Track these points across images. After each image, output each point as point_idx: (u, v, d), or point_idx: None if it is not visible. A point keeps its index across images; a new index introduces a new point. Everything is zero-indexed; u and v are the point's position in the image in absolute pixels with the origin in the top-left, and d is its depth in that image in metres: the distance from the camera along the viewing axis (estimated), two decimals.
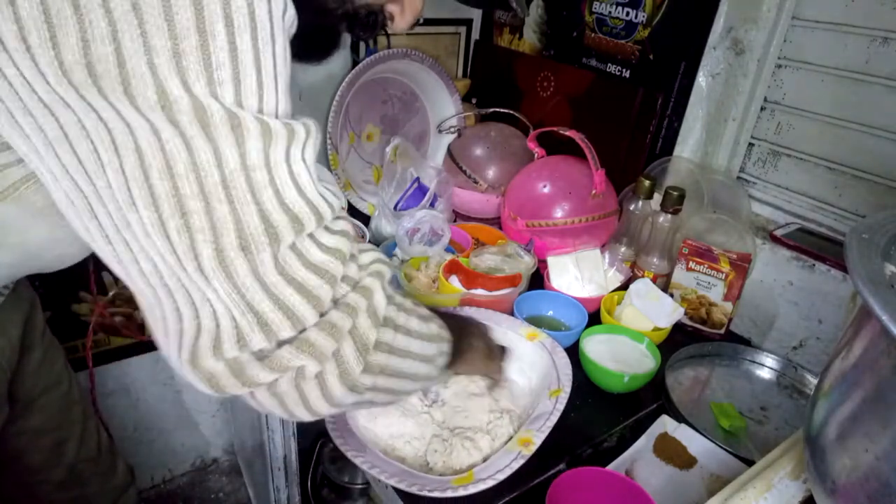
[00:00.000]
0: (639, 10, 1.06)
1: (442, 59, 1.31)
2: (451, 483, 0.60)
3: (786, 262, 0.92)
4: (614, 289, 0.97)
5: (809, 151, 0.94)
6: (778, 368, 0.89)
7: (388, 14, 0.59)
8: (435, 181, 1.10)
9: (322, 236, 0.44)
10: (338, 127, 1.17)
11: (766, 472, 0.55)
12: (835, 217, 0.93)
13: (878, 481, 0.38)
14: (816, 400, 0.47)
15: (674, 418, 0.76)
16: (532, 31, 1.28)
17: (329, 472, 1.30)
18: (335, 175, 1.17)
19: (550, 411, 0.68)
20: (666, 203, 0.94)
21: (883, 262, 0.41)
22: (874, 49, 0.83)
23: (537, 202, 1.07)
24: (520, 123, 1.25)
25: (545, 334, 0.81)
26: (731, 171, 1.03)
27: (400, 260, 0.98)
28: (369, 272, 0.49)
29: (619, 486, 0.61)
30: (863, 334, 0.42)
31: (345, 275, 0.47)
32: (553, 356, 0.77)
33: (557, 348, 0.79)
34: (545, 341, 0.80)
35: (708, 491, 0.67)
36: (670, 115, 1.05)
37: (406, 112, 1.30)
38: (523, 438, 0.64)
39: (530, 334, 0.81)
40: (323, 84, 1.17)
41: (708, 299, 0.93)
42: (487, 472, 0.61)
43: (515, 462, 0.61)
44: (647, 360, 0.83)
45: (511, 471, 0.61)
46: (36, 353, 0.79)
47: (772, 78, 0.96)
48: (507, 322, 0.83)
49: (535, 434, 0.64)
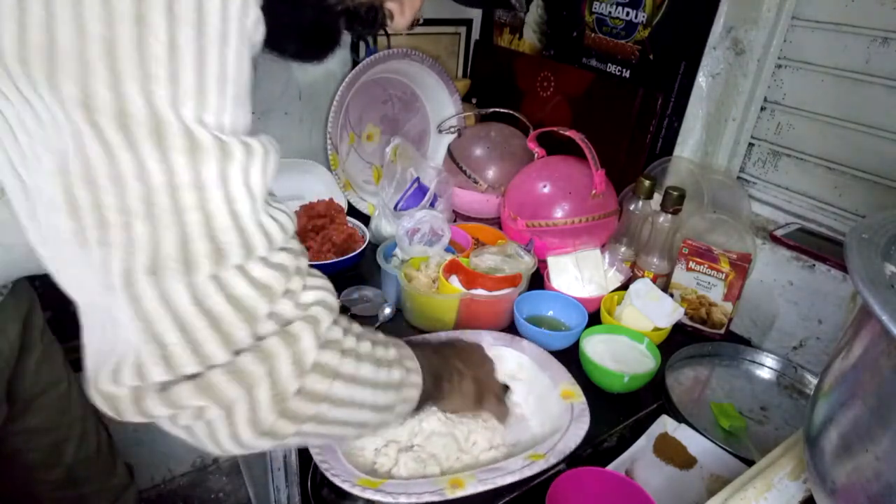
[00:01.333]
0: (639, 10, 1.05)
1: (442, 59, 1.31)
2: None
3: (786, 262, 0.92)
4: (614, 289, 0.97)
5: (809, 151, 0.94)
6: (778, 368, 0.89)
7: (388, 12, 0.59)
8: (435, 181, 1.10)
9: (253, 268, 0.40)
10: (338, 127, 1.17)
11: (766, 472, 0.55)
12: (835, 217, 0.93)
13: (878, 481, 0.38)
14: (816, 400, 0.47)
15: (674, 418, 0.76)
16: (532, 31, 1.28)
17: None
18: (335, 175, 1.18)
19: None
20: (666, 203, 0.94)
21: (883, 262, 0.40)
22: (874, 49, 0.83)
23: (537, 202, 1.07)
24: (520, 123, 1.25)
25: (582, 398, 0.72)
26: (731, 171, 1.03)
27: (400, 260, 0.98)
28: (305, 315, 0.44)
29: (619, 486, 0.61)
30: (863, 334, 0.41)
31: (273, 311, 0.42)
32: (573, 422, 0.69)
33: (584, 417, 0.70)
34: (577, 405, 0.71)
35: (708, 491, 0.67)
36: (670, 115, 1.05)
37: (406, 112, 1.30)
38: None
39: (566, 392, 0.73)
40: (323, 84, 1.18)
41: (708, 299, 0.93)
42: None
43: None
44: (647, 360, 0.83)
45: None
46: (35, 353, 0.79)
47: (772, 78, 0.96)
48: (554, 370, 0.76)
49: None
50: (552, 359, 0.79)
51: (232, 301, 0.39)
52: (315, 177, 1.19)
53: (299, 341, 0.43)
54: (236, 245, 0.39)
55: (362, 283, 0.98)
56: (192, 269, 0.37)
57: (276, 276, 0.42)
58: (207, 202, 0.37)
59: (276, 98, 1.14)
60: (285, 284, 0.43)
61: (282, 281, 0.42)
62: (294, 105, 1.18)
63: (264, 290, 0.41)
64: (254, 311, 0.41)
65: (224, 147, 0.37)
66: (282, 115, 1.16)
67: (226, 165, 0.37)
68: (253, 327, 0.41)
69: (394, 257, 0.99)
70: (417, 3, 0.59)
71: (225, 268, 0.39)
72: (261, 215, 0.40)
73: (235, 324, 0.40)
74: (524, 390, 0.77)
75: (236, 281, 0.39)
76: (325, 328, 0.46)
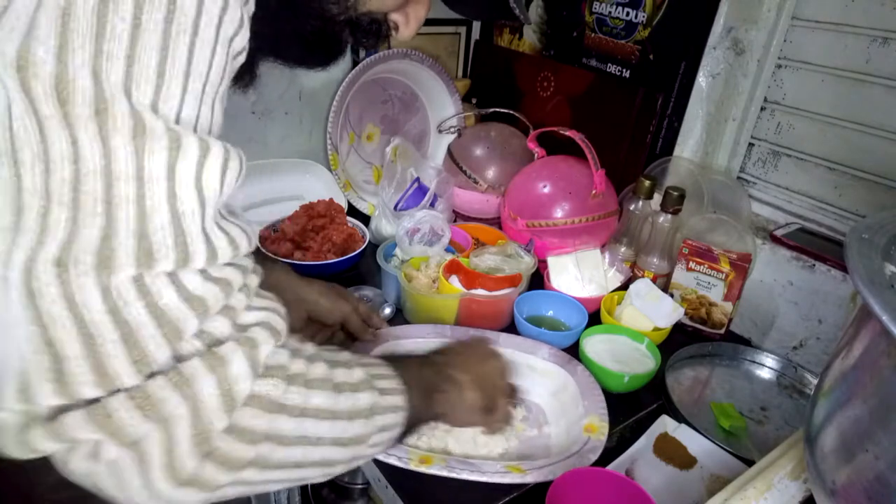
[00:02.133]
0: (639, 10, 1.06)
1: (442, 59, 1.31)
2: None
3: (786, 262, 0.92)
4: (614, 289, 0.97)
5: (809, 151, 0.94)
6: (778, 368, 0.89)
7: (393, 23, 0.58)
8: (435, 181, 1.10)
9: (188, 278, 0.35)
10: (338, 127, 1.17)
11: (766, 472, 0.55)
12: (835, 217, 0.93)
13: (878, 481, 0.38)
14: (816, 400, 0.47)
15: (674, 418, 0.76)
16: (532, 31, 1.28)
17: None
18: (335, 175, 1.18)
19: None
20: (666, 203, 0.94)
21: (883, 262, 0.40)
22: (874, 49, 0.83)
23: (537, 202, 1.07)
24: (520, 123, 1.25)
25: (602, 436, 0.69)
26: (731, 171, 1.03)
27: (400, 260, 0.98)
28: (240, 337, 0.38)
29: (619, 486, 0.61)
30: (863, 334, 0.42)
31: (203, 330, 0.36)
32: (575, 455, 0.67)
33: (590, 454, 0.67)
34: (592, 440, 0.68)
35: (708, 491, 0.67)
36: (670, 115, 1.05)
37: (406, 112, 1.30)
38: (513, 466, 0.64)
39: (589, 425, 0.71)
40: (323, 84, 1.18)
41: (708, 299, 0.93)
42: None
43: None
44: (647, 360, 0.83)
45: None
46: None
47: (772, 78, 0.96)
48: (593, 400, 0.73)
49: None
50: (597, 389, 0.76)
51: (153, 311, 0.34)
52: (315, 177, 1.19)
53: (228, 365, 0.36)
54: (170, 249, 0.34)
55: (362, 283, 0.98)
56: (108, 266, 0.32)
57: (215, 290, 0.36)
58: (147, 197, 0.32)
59: (277, 98, 1.14)
60: (224, 300, 0.37)
61: (220, 296, 0.37)
62: (294, 105, 1.18)
63: (196, 303, 0.35)
64: (179, 325, 0.35)
65: (175, 138, 0.33)
66: (282, 115, 1.17)
67: (176, 159, 0.33)
68: (174, 346, 0.35)
69: (394, 257, 0.99)
70: (422, 13, 0.59)
71: (151, 273, 0.33)
72: (208, 223, 0.36)
73: (153, 339, 0.34)
74: (558, 412, 0.76)
75: (164, 290, 0.34)
76: (267, 353, 0.40)
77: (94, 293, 0.32)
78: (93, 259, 0.32)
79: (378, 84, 1.23)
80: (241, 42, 0.37)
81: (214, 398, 0.36)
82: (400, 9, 0.58)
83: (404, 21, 0.58)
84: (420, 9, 0.59)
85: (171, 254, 0.34)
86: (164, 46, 0.32)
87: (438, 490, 0.63)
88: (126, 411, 0.33)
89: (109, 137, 0.31)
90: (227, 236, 0.37)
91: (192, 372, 0.35)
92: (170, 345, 0.35)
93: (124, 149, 0.31)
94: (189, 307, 0.35)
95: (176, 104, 0.33)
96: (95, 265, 0.32)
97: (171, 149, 0.33)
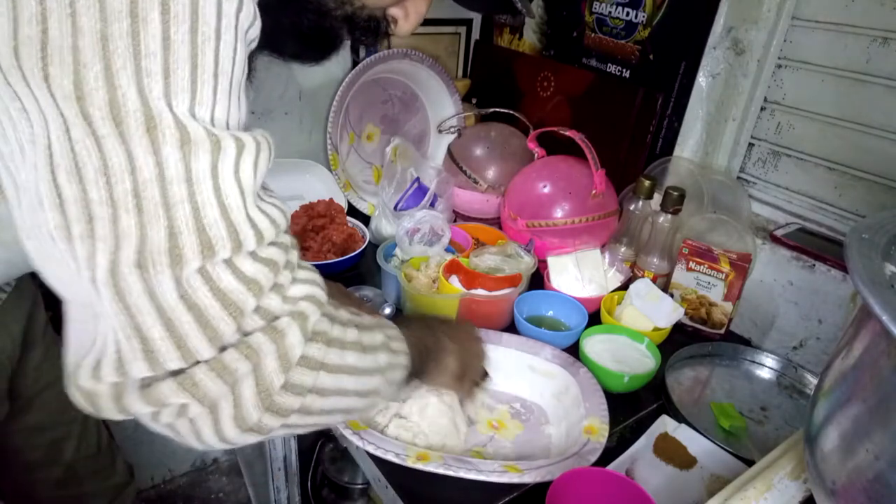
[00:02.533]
0: (639, 10, 1.05)
1: (442, 59, 1.31)
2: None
3: (786, 262, 0.92)
4: (614, 289, 0.97)
5: (809, 151, 0.94)
6: (778, 368, 0.89)
7: (392, 18, 0.59)
8: (435, 181, 1.10)
9: (242, 262, 0.40)
10: (338, 127, 1.17)
11: (766, 472, 0.55)
12: (835, 217, 0.93)
13: (878, 481, 0.38)
14: (816, 400, 0.47)
15: (674, 418, 0.76)
16: (532, 31, 1.28)
17: (329, 472, 1.30)
18: (335, 175, 1.18)
19: None
20: (666, 203, 0.94)
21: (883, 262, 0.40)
22: (874, 49, 0.83)
23: (537, 202, 1.07)
24: (520, 123, 1.25)
25: (602, 438, 0.70)
26: (731, 171, 1.03)
27: (400, 260, 0.98)
28: (292, 311, 0.44)
29: (619, 486, 0.61)
30: (863, 334, 0.42)
31: (259, 306, 0.42)
32: (574, 456, 0.67)
33: (589, 456, 0.67)
34: (591, 442, 0.68)
35: (708, 491, 0.67)
36: (670, 115, 1.05)
37: (406, 112, 1.30)
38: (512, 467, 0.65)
39: (589, 427, 0.71)
40: (323, 84, 1.18)
41: (708, 299, 0.93)
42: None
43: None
44: (647, 360, 0.83)
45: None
46: (37, 351, 0.79)
47: (772, 78, 0.96)
48: (594, 403, 0.74)
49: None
50: (599, 391, 0.76)
51: (218, 295, 0.39)
52: (315, 177, 1.19)
53: (286, 337, 0.43)
54: (225, 239, 0.38)
55: (362, 283, 0.98)
56: (179, 262, 0.37)
57: (265, 270, 0.41)
58: (197, 195, 0.37)
59: (277, 98, 1.14)
60: (274, 279, 0.42)
61: (270, 276, 0.42)
62: (294, 105, 1.18)
63: (252, 285, 0.40)
64: (241, 305, 0.40)
65: (216, 141, 0.37)
66: (282, 115, 1.17)
67: (217, 159, 0.37)
68: (239, 322, 0.40)
69: (394, 257, 0.99)
70: (423, 8, 0.59)
71: (213, 262, 0.38)
72: (251, 210, 0.40)
73: (221, 318, 0.39)
74: (560, 413, 0.76)
75: (224, 275, 0.39)
76: (313, 323, 0.46)
77: (168, 286, 0.37)
78: (167, 259, 0.37)
79: (378, 84, 1.23)
80: (255, 31, 0.40)
81: (274, 363, 0.42)
82: (399, 3, 0.58)
83: (403, 15, 0.59)
84: (420, 4, 0.59)
85: (227, 243, 0.39)
86: (194, 55, 0.35)
87: (438, 490, 0.63)
88: (209, 378, 0.39)
89: (161, 149, 0.35)
90: (266, 217, 0.42)
91: (257, 343, 0.41)
92: (235, 322, 0.40)
93: (174, 157, 0.35)
94: (246, 288, 0.40)
95: (209, 107, 0.37)
96: (169, 264, 0.37)
97: (212, 151, 0.37)
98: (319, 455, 1.31)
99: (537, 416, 0.77)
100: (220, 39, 0.36)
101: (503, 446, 0.72)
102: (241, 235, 0.39)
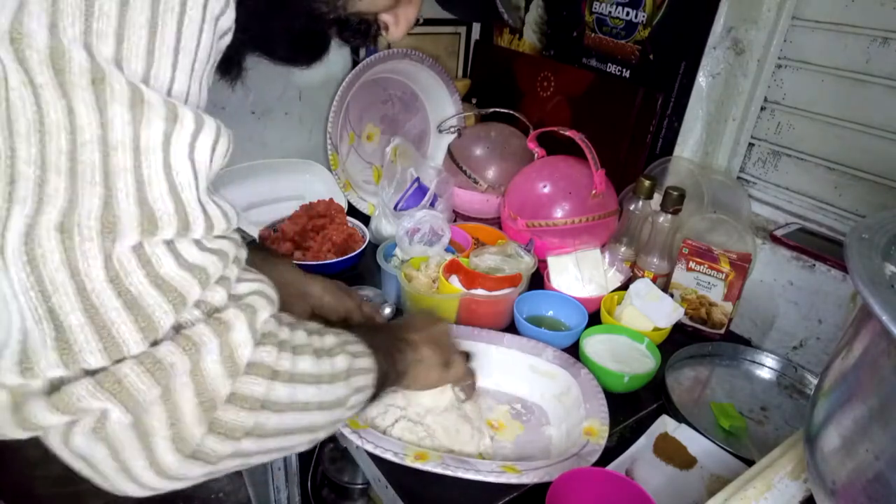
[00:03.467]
0: (639, 10, 1.06)
1: (442, 59, 1.31)
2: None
3: (786, 262, 0.92)
4: (614, 289, 0.97)
5: (809, 151, 0.94)
6: (778, 368, 0.89)
7: (383, 23, 0.58)
8: (435, 181, 1.10)
9: (186, 248, 0.35)
10: (338, 127, 1.17)
11: (766, 472, 0.55)
12: (835, 217, 0.93)
13: (878, 481, 0.38)
14: (816, 400, 0.47)
15: (674, 418, 0.76)
16: (532, 31, 1.28)
17: (329, 472, 1.30)
18: (335, 175, 1.18)
19: None
20: (666, 203, 0.94)
21: (883, 262, 0.41)
22: (874, 49, 0.83)
23: (537, 202, 1.07)
24: (520, 123, 1.25)
25: (602, 440, 0.69)
26: (731, 171, 1.03)
27: (400, 260, 0.98)
28: (239, 304, 0.38)
29: (619, 486, 0.61)
30: (863, 334, 0.42)
31: (201, 299, 0.36)
32: (573, 457, 0.67)
33: (589, 457, 0.67)
34: (590, 444, 0.68)
35: (708, 491, 0.67)
36: (670, 115, 1.05)
37: (406, 112, 1.30)
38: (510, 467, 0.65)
39: (589, 428, 0.70)
40: (323, 84, 1.18)
41: (708, 299, 0.93)
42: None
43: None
44: (647, 360, 0.83)
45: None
46: None
47: (772, 78, 0.96)
48: (595, 404, 0.73)
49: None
50: (599, 392, 0.75)
51: (155, 280, 0.34)
52: (315, 177, 1.19)
53: (231, 331, 0.37)
54: (171, 216, 0.34)
55: (362, 283, 0.98)
56: (112, 232, 0.32)
57: (213, 259, 0.37)
58: (143, 167, 0.32)
59: (276, 98, 1.14)
60: (222, 271, 0.37)
61: (219, 265, 0.37)
62: (294, 105, 1.18)
63: (197, 272, 0.35)
64: (183, 293, 0.35)
65: (172, 108, 0.33)
66: (282, 115, 1.16)
67: (171, 130, 0.33)
68: (178, 313, 0.35)
69: (394, 257, 0.99)
70: (412, 14, 0.58)
71: (152, 241, 0.33)
72: (202, 194, 0.36)
73: (159, 306, 0.33)
74: (561, 414, 0.76)
75: (165, 259, 0.34)
76: (262, 321, 0.40)
77: (96, 261, 0.31)
78: (97, 225, 0.31)
79: (378, 84, 1.23)
80: (226, 22, 0.37)
81: (217, 364, 0.36)
82: (390, 9, 0.57)
83: (394, 22, 0.58)
84: (410, 10, 0.58)
85: (173, 221, 0.34)
86: (153, 24, 0.32)
87: (439, 490, 0.63)
88: (136, 376, 0.33)
89: (107, 106, 0.31)
90: (220, 209, 0.38)
91: (199, 337, 0.35)
92: (175, 312, 0.34)
93: (121, 118, 0.31)
94: (191, 275, 0.35)
95: (167, 80, 0.33)
96: (100, 231, 0.31)
97: (167, 119, 0.33)
98: (319, 455, 1.31)
99: (538, 417, 0.77)
100: (185, 14, 0.33)
101: (503, 447, 0.72)
102: (189, 217, 0.35)
